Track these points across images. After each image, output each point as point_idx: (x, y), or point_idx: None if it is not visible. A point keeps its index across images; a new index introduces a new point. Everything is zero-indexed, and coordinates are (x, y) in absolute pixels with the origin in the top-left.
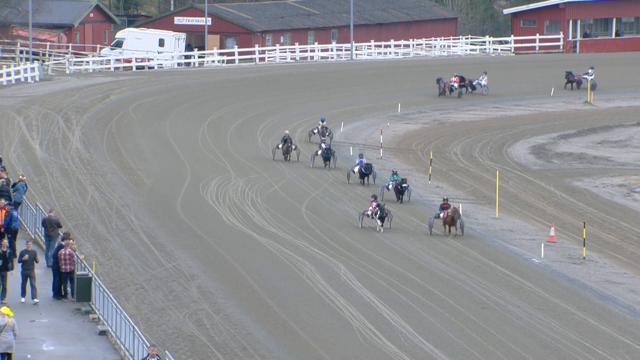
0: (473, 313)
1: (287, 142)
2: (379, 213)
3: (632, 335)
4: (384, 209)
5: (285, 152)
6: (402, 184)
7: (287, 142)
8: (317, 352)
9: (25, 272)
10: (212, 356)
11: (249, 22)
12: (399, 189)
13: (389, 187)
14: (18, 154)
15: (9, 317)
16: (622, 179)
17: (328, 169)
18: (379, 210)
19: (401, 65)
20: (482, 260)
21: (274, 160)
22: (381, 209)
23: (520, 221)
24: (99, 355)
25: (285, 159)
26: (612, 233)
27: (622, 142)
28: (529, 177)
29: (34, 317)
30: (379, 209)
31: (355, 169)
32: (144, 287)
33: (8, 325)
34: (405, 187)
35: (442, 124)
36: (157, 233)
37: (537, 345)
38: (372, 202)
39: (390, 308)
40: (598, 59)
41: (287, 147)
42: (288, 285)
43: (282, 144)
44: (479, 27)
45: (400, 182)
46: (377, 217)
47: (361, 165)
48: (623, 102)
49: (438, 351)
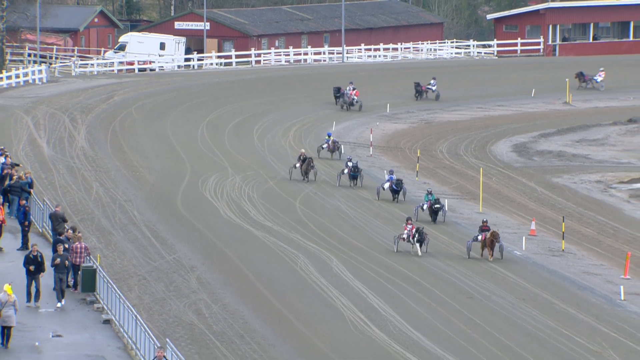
0: (458, 303)
1: (306, 162)
2: (417, 236)
3: (609, 323)
4: (423, 232)
5: (305, 173)
6: (435, 205)
7: (306, 162)
8: (311, 340)
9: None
10: (210, 344)
11: (246, 27)
12: (433, 210)
13: (424, 207)
14: (26, 152)
15: (10, 294)
16: (599, 175)
17: (354, 187)
18: (417, 233)
19: (390, 67)
20: (455, 246)
21: (291, 180)
22: (420, 232)
23: (502, 215)
24: (103, 343)
25: (304, 179)
26: (589, 227)
27: (600, 140)
28: (511, 173)
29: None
30: (417, 232)
31: (386, 185)
32: (146, 278)
33: (9, 302)
34: (439, 208)
35: (429, 123)
36: (159, 227)
37: (519, 333)
38: (406, 225)
39: (379, 298)
40: (576, 62)
41: (307, 166)
42: (283, 276)
43: (300, 163)
44: (464, 32)
45: (435, 202)
46: (416, 240)
47: (392, 182)
48: (600, 102)
49: (425, 339)
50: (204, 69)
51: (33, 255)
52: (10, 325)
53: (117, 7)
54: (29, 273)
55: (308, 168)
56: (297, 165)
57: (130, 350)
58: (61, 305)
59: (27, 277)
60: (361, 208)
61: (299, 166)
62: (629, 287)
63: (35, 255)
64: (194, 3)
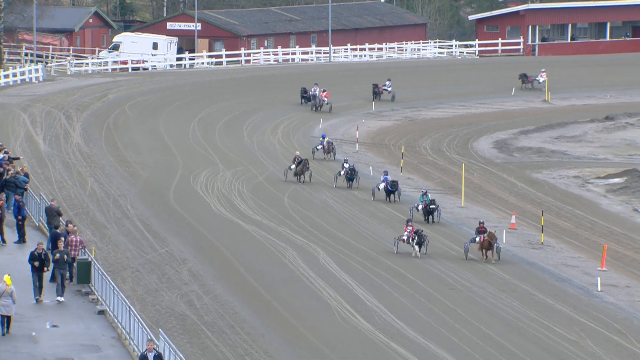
0: (441, 294)
1: (301, 163)
2: (417, 239)
3: (586, 313)
4: (422, 234)
5: (300, 173)
6: (430, 205)
7: (301, 163)
8: (299, 330)
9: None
10: (202, 334)
11: (236, 27)
12: (428, 210)
13: (419, 208)
14: (23, 148)
15: (8, 285)
16: (577, 171)
17: (351, 189)
18: (417, 236)
19: (375, 67)
20: (449, 246)
21: (286, 181)
22: (419, 234)
23: (484, 210)
24: (98, 333)
25: (299, 180)
26: (567, 220)
27: (577, 137)
28: (492, 169)
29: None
30: (417, 235)
31: (381, 186)
32: (139, 271)
33: (7, 292)
34: (434, 209)
35: (413, 120)
36: (151, 221)
37: (500, 323)
38: (406, 227)
39: (365, 289)
40: (555, 61)
41: (301, 168)
42: (272, 268)
43: (295, 165)
44: (447, 32)
45: (429, 203)
46: (415, 242)
47: (387, 183)
48: (578, 100)
49: (409, 328)
50: (195, 68)
51: (38, 253)
52: (8, 314)
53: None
54: (34, 269)
55: (303, 169)
56: (293, 166)
57: (124, 340)
58: (62, 299)
59: (32, 273)
60: (347, 203)
61: (294, 167)
62: (606, 279)
63: (40, 252)
64: (185, 4)
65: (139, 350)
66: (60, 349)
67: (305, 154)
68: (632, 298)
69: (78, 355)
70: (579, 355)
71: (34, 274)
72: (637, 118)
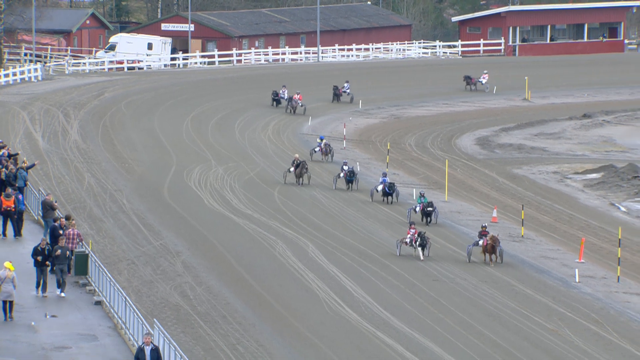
0: (425, 285)
1: (300, 165)
2: (420, 241)
3: (565, 304)
4: (425, 237)
5: (299, 175)
6: (428, 207)
7: (300, 165)
8: (288, 320)
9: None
10: (195, 323)
11: (228, 28)
12: (426, 212)
13: (416, 210)
14: (23, 145)
15: (10, 270)
16: (556, 166)
17: (350, 191)
18: (420, 238)
19: (362, 66)
20: (433, 239)
21: (285, 183)
22: (422, 237)
23: (466, 204)
24: (95, 323)
25: (298, 182)
26: (547, 214)
27: (556, 134)
28: (475, 165)
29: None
30: (420, 237)
31: (379, 187)
32: (135, 263)
33: (8, 278)
34: (432, 210)
35: (399, 118)
36: (146, 215)
37: (482, 313)
38: (410, 229)
39: (352, 281)
40: (535, 61)
41: (300, 170)
42: (262, 261)
43: (295, 167)
44: (431, 33)
45: (427, 205)
46: (418, 244)
47: (385, 185)
48: (557, 99)
49: (394, 318)
50: (188, 68)
51: (41, 248)
52: (10, 299)
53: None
54: (37, 264)
55: (302, 172)
56: (292, 169)
57: (120, 330)
58: (62, 295)
59: (36, 268)
60: (336, 198)
61: (293, 170)
62: (583, 270)
63: (44, 248)
64: (179, 6)
65: (134, 340)
66: (59, 338)
67: (300, 152)
68: (609, 289)
69: (76, 344)
70: (557, 344)
71: (38, 269)
72: (613, 116)
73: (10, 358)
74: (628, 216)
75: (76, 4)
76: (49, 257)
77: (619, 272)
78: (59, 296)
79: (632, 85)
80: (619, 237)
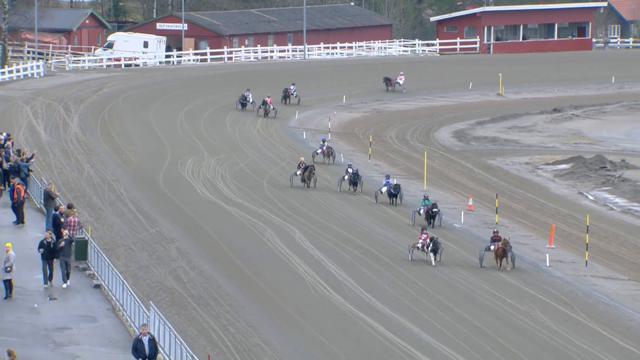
0: (404, 269)
1: (308, 169)
2: (432, 246)
3: (535, 286)
4: (437, 242)
5: (307, 178)
6: (433, 209)
7: (308, 169)
8: (276, 302)
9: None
10: (188, 305)
11: (219, 28)
12: (430, 214)
13: (421, 212)
14: (26, 137)
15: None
16: (528, 158)
17: (354, 193)
18: (432, 243)
19: (346, 64)
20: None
21: (292, 186)
22: (434, 242)
23: (444, 193)
24: (94, 305)
25: (307, 185)
26: (519, 202)
27: (528, 127)
28: (452, 156)
29: (39, 273)
30: (432, 242)
31: (383, 189)
32: (132, 248)
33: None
34: (436, 212)
35: (380, 112)
36: (143, 203)
37: (458, 295)
38: (421, 235)
39: (336, 265)
40: (508, 59)
41: (308, 174)
42: (252, 246)
43: (302, 171)
44: (410, 32)
45: (432, 207)
46: (430, 250)
47: (389, 187)
48: (529, 94)
49: (376, 300)
50: (182, 65)
51: (47, 242)
52: (11, 278)
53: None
54: (43, 257)
55: (310, 175)
56: (299, 172)
57: (118, 311)
58: (66, 285)
59: (42, 260)
60: (323, 188)
61: (300, 173)
62: (554, 255)
63: (49, 242)
64: (173, 7)
65: (131, 321)
66: (60, 319)
67: (287, 145)
68: (577, 272)
69: (76, 325)
70: (529, 324)
71: (44, 261)
72: (582, 110)
73: (14, 338)
74: (595, 204)
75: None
76: (54, 251)
77: (587, 257)
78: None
79: (600, 81)
80: (587, 224)
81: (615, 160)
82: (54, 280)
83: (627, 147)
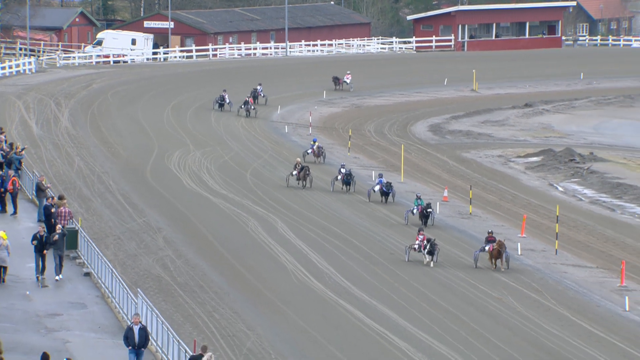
0: (383, 258)
1: (303, 170)
2: (429, 247)
3: (508, 274)
4: (434, 243)
5: (303, 178)
6: (427, 209)
7: (303, 170)
8: (259, 289)
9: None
10: (175, 293)
11: (204, 26)
12: (424, 214)
13: (414, 212)
14: (18, 131)
15: (4, 239)
16: (500, 151)
17: (347, 193)
18: (429, 244)
19: (326, 60)
20: (389, 216)
21: (288, 187)
22: (431, 243)
23: (420, 184)
24: (84, 292)
25: (303, 185)
26: (492, 194)
27: (501, 121)
28: (428, 149)
29: (31, 262)
30: (429, 243)
31: (376, 188)
32: (120, 238)
33: (3, 245)
34: (430, 212)
35: (359, 107)
36: (131, 194)
37: (434, 283)
38: (418, 236)
39: (317, 254)
40: (481, 56)
41: (304, 174)
42: (236, 236)
43: (298, 171)
44: (388, 30)
45: (425, 207)
46: (426, 251)
47: (382, 185)
48: (501, 90)
49: (355, 287)
50: (169, 62)
51: (40, 235)
52: (4, 265)
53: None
54: (36, 249)
55: (305, 175)
56: (295, 172)
57: (107, 299)
58: (59, 278)
59: (35, 253)
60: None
61: (296, 174)
62: (525, 244)
63: (42, 235)
64: (160, 5)
65: (120, 307)
66: (51, 306)
67: (271, 140)
68: (548, 261)
69: (67, 311)
70: (502, 310)
71: (36, 254)
72: (552, 105)
73: (7, 324)
74: (565, 195)
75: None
76: (47, 244)
77: (557, 245)
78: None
79: (569, 77)
80: (557, 214)
81: (584, 153)
82: (47, 272)
83: (595, 141)
